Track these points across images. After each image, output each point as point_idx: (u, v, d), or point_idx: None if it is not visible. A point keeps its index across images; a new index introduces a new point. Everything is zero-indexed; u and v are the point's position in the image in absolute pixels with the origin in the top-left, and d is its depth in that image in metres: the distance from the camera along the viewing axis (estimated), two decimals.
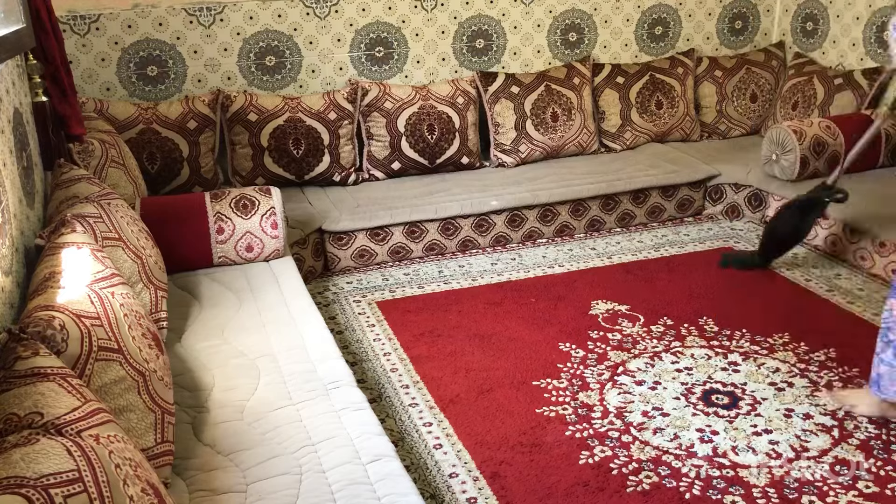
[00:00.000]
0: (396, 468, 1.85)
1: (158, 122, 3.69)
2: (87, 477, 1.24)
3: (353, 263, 3.75)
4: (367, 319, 3.30)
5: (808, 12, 4.73)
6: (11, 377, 1.43)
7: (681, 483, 2.30)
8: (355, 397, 2.14)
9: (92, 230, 2.28)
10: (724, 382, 2.78)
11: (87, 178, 2.58)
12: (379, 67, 4.26)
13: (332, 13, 4.10)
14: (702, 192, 4.30)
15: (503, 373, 2.85)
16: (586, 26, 4.60)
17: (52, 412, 1.39)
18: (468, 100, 4.19)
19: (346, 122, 3.99)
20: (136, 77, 3.88)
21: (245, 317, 2.58)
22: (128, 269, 2.34)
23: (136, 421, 1.77)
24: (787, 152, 3.88)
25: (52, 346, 1.59)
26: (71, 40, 3.68)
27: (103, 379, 1.71)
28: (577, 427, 2.56)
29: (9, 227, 2.02)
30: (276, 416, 2.04)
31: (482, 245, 3.94)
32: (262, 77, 4.08)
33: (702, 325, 3.17)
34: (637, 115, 4.51)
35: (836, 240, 3.73)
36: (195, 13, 3.89)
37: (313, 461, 1.86)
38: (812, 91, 4.40)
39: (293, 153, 3.90)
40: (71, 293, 1.81)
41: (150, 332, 2.02)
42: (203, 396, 2.14)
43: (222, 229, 2.94)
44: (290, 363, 2.29)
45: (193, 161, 3.75)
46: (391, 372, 2.90)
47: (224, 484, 1.79)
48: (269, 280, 2.86)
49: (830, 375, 2.81)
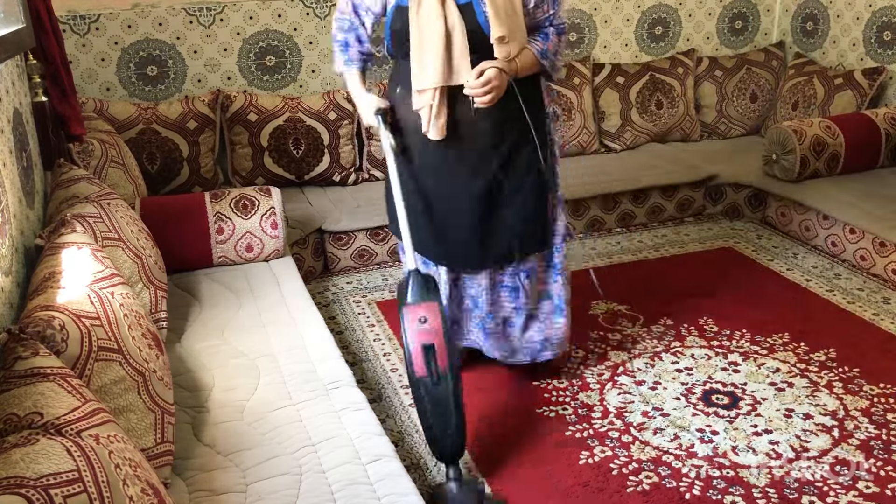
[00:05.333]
0: (396, 468, 1.85)
1: (158, 122, 3.69)
2: (86, 477, 1.24)
3: (353, 263, 3.75)
4: (367, 319, 3.30)
5: (808, 12, 4.73)
6: (11, 377, 1.43)
7: (681, 483, 2.30)
8: (355, 397, 2.14)
9: (92, 230, 2.28)
10: (725, 382, 2.78)
11: (87, 178, 2.58)
12: (379, 67, 4.26)
13: (333, 13, 4.10)
14: (702, 192, 4.30)
15: (503, 372, 2.85)
16: (586, 26, 4.60)
17: (51, 412, 1.39)
18: None
19: (346, 122, 3.99)
20: (136, 77, 3.88)
21: (245, 317, 2.58)
22: (128, 269, 2.34)
23: (136, 421, 1.76)
24: (787, 152, 3.88)
25: (51, 347, 1.59)
26: (71, 40, 3.68)
27: (103, 379, 1.71)
28: (577, 427, 2.56)
29: (9, 227, 2.02)
30: (276, 416, 2.04)
31: None
32: (262, 77, 4.08)
33: (702, 325, 3.17)
34: (637, 114, 4.51)
35: (837, 240, 3.73)
36: (195, 13, 3.89)
37: (313, 461, 1.86)
38: (812, 91, 4.40)
39: (293, 153, 3.90)
40: (71, 293, 1.81)
41: (150, 332, 2.02)
42: (203, 396, 2.14)
43: (222, 229, 2.94)
44: (290, 363, 2.29)
45: (193, 161, 3.75)
46: (391, 372, 2.90)
47: (224, 484, 1.79)
48: (269, 280, 2.86)
49: (830, 375, 2.81)
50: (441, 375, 2.12)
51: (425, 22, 2.29)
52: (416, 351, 2.13)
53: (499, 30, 2.27)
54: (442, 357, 2.12)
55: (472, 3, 2.30)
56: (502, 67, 2.29)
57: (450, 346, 2.16)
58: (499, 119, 2.39)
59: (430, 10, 2.28)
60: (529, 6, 2.36)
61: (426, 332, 2.13)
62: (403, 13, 2.34)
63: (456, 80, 2.32)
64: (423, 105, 2.35)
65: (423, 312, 2.16)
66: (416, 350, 2.13)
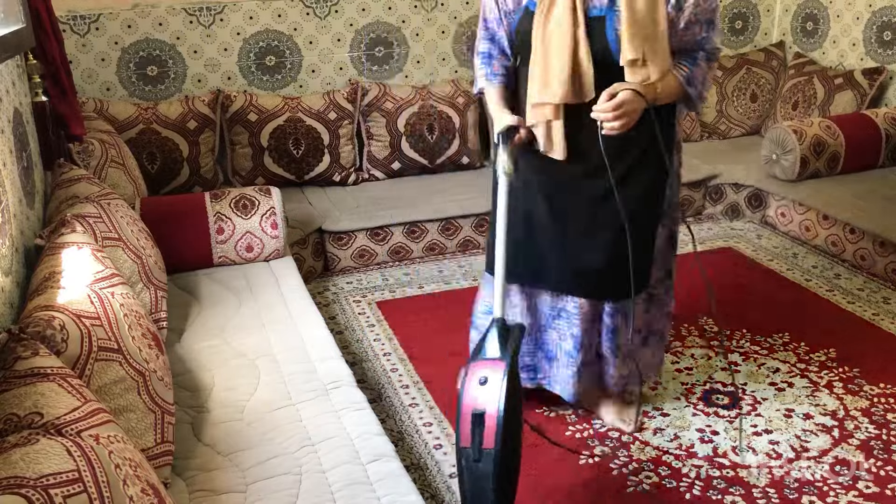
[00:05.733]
0: (396, 468, 1.85)
1: (158, 122, 3.69)
2: (86, 477, 1.24)
3: (353, 263, 3.75)
4: (367, 319, 3.30)
5: (808, 12, 4.73)
6: (11, 377, 1.43)
7: (681, 483, 2.30)
8: (355, 397, 2.14)
9: (92, 230, 2.28)
10: (725, 382, 2.78)
11: (87, 178, 2.58)
12: (379, 67, 4.26)
13: (332, 13, 4.10)
14: (702, 192, 4.30)
15: None
16: None
17: (52, 412, 1.39)
18: (468, 100, 4.18)
19: (346, 122, 3.99)
20: (136, 77, 3.88)
21: (245, 317, 2.58)
22: (128, 269, 2.34)
23: (136, 421, 1.76)
24: (787, 152, 3.88)
25: (51, 347, 1.59)
26: (71, 40, 3.68)
27: (103, 379, 1.71)
28: (577, 427, 2.56)
29: (9, 227, 2.02)
30: (276, 416, 2.04)
31: (482, 245, 3.94)
32: (262, 77, 4.08)
33: (702, 325, 3.17)
34: None
35: (837, 240, 3.73)
36: (195, 13, 3.89)
37: (313, 461, 1.86)
38: (812, 91, 4.40)
39: (293, 153, 3.90)
40: (71, 293, 1.81)
41: (150, 332, 2.02)
42: (203, 396, 2.14)
43: (222, 229, 2.94)
44: (289, 363, 2.29)
45: (193, 161, 3.75)
46: (391, 372, 2.90)
47: (224, 484, 1.79)
48: (269, 280, 2.86)
49: (830, 375, 2.81)
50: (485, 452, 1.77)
51: (553, 29, 2.06)
52: (464, 415, 1.79)
53: (631, 52, 2.01)
54: (490, 432, 1.76)
55: (604, 18, 2.05)
56: (640, 91, 2.04)
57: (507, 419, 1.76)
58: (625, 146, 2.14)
59: (561, 17, 2.05)
60: (679, 26, 2.08)
61: (481, 397, 1.78)
62: (530, 18, 2.13)
63: (579, 97, 2.09)
64: (538, 120, 2.15)
65: (486, 372, 1.80)
66: (465, 414, 1.79)
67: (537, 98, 2.12)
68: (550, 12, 2.07)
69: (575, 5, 2.05)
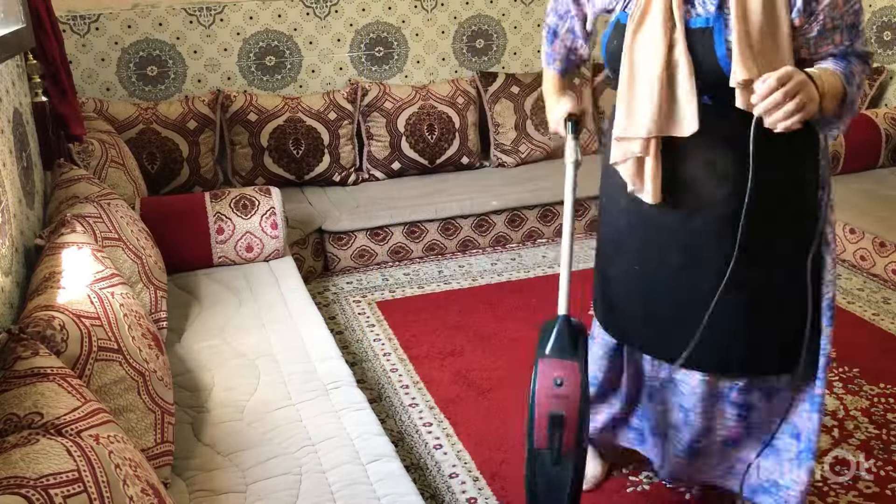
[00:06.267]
0: (396, 468, 1.85)
1: (158, 122, 3.69)
2: (86, 477, 1.24)
3: (353, 263, 3.75)
4: (367, 319, 3.30)
5: None
6: (11, 377, 1.43)
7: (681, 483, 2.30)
8: (355, 397, 2.14)
9: (92, 230, 2.28)
10: None
11: (87, 178, 2.58)
12: (379, 67, 4.26)
13: (332, 13, 4.10)
14: None
15: (503, 373, 2.85)
16: None
17: (51, 412, 1.39)
18: (468, 100, 4.19)
19: (346, 122, 3.99)
20: (136, 77, 3.88)
21: (245, 317, 2.58)
22: (128, 269, 2.34)
23: (136, 421, 1.77)
24: None
25: (51, 347, 1.59)
26: (71, 40, 3.68)
27: (103, 379, 1.71)
28: None
29: (9, 227, 2.02)
30: (276, 416, 2.04)
31: (482, 245, 3.94)
32: (262, 77, 4.08)
33: None
34: None
35: (837, 240, 3.72)
36: (195, 13, 3.89)
37: (313, 461, 1.86)
38: None
39: (293, 153, 3.90)
40: (71, 293, 1.81)
41: (150, 332, 2.02)
42: (203, 396, 2.14)
43: (222, 229, 2.94)
44: (289, 363, 2.29)
45: (193, 161, 3.75)
46: (391, 372, 2.90)
47: (224, 484, 1.79)
48: (269, 280, 2.86)
49: (830, 375, 2.81)
50: (565, 456, 1.70)
51: (641, 48, 1.68)
52: (540, 416, 1.71)
53: (744, 71, 1.56)
54: (572, 433, 1.69)
55: (711, 30, 1.63)
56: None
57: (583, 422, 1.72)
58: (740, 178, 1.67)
59: (653, 33, 1.65)
60: (810, 35, 1.62)
61: (559, 399, 1.70)
62: (621, 33, 1.73)
63: (676, 129, 1.67)
64: (623, 157, 1.76)
65: (560, 373, 1.71)
66: (540, 415, 1.71)
67: (622, 131, 1.72)
68: (642, 25, 1.67)
69: (672, 14, 1.64)
